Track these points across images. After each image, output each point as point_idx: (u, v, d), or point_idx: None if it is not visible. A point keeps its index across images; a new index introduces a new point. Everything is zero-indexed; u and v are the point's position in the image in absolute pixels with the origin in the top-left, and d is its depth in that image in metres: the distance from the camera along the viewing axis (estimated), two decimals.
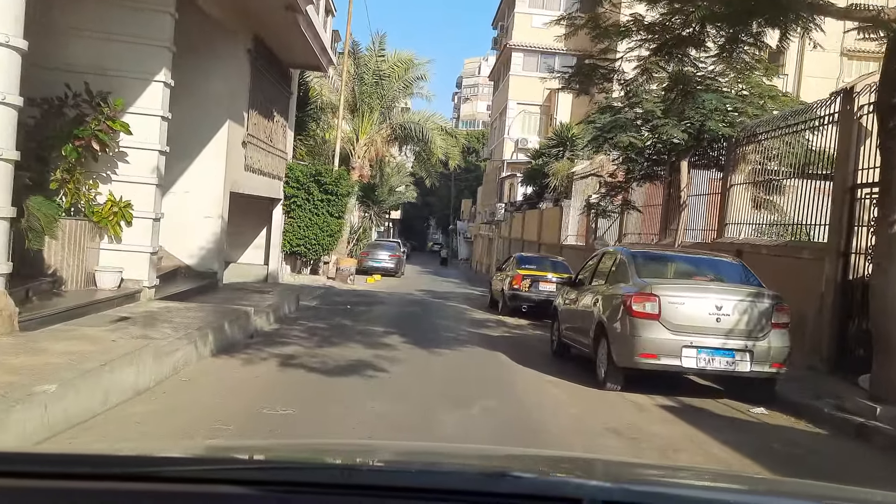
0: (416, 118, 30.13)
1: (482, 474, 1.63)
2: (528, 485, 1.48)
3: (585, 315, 9.21)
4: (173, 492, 1.38)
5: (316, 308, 15.93)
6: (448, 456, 2.13)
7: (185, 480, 1.43)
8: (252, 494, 1.37)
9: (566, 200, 24.17)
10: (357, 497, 1.40)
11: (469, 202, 68.66)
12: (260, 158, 17.88)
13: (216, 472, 1.48)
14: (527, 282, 16.96)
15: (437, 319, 15.49)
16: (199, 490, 1.38)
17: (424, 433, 6.03)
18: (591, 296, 9.20)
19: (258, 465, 1.68)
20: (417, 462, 1.92)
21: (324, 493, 1.41)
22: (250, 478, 1.45)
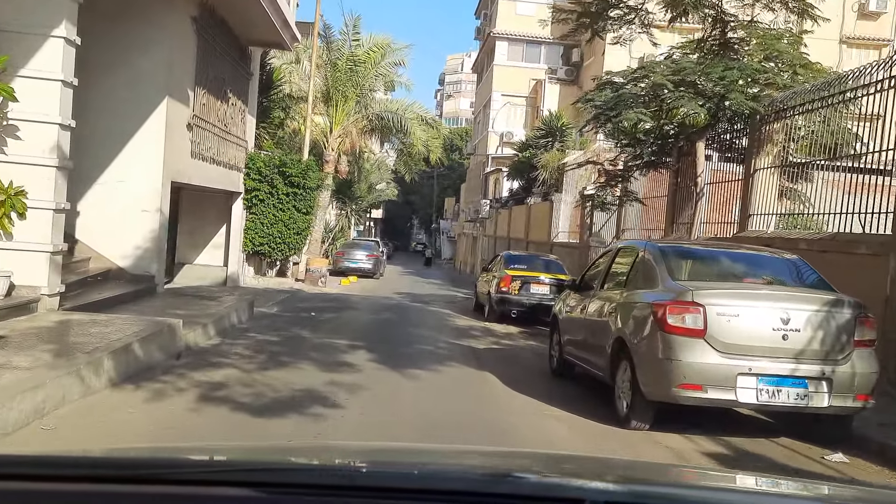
0: (394, 107, 27.98)
1: (484, 475, 1.68)
2: (530, 485, 1.52)
3: (597, 328, 7.18)
4: (174, 494, 1.38)
5: (274, 316, 13.79)
6: (450, 457, 2.16)
7: (184, 483, 1.42)
8: (254, 496, 1.35)
9: (557, 194, 22.19)
10: (359, 498, 1.39)
11: (452, 200, 66.76)
12: (212, 145, 15.71)
13: (216, 475, 1.48)
14: (516, 284, 14.92)
15: (413, 328, 13.41)
16: (200, 493, 1.38)
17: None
18: (604, 303, 7.17)
19: (260, 467, 1.62)
20: (420, 463, 1.87)
21: (326, 494, 1.40)
22: (252, 479, 1.43)
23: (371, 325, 13.70)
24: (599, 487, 1.52)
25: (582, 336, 7.76)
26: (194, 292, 15.90)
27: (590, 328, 7.48)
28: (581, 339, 7.79)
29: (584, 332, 7.71)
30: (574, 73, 38.38)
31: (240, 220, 19.43)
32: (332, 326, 12.86)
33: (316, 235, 28.38)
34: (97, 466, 1.54)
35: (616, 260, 7.51)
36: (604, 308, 7.08)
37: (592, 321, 7.40)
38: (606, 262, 7.73)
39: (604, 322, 6.96)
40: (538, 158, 25.03)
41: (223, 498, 1.38)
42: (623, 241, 9.34)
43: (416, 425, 6.28)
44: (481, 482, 1.54)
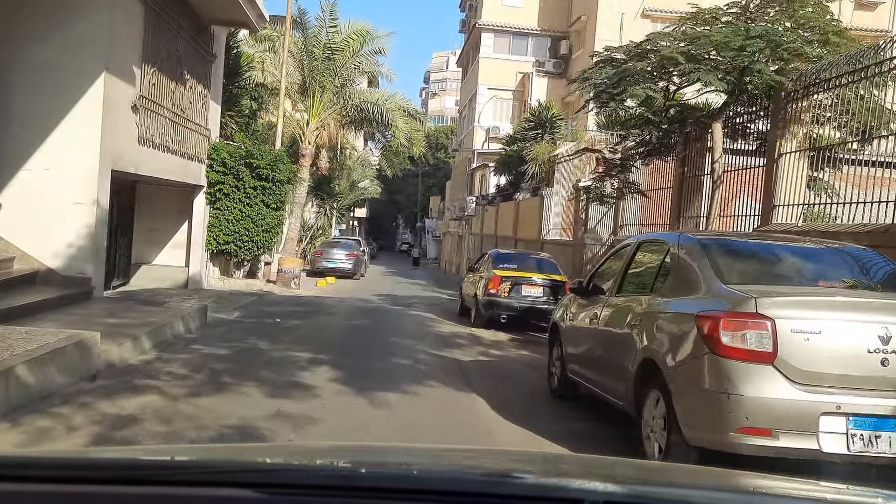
0: (374, 98, 26.35)
1: (483, 475, 1.66)
2: (529, 486, 1.53)
3: (614, 344, 5.63)
4: (171, 495, 1.38)
5: (232, 323, 12.14)
6: (449, 457, 2.15)
7: (181, 483, 1.42)
8: (251, 497, 1.35)
9: (547, 189, 20.64)
10: (358, 499, 1.39)
11: (438, 199, 65.30)
12: (165, 131, 14.03)
13: (212, 476, 1.47)
14: (506, 285, 13.35)
15: (390, 337, 11.80)
16: (197, 493, 1.38)
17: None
18: (623, 312, 5.61)
19: (257, 468, 1.63)
20: (418, 463, 1.87)
21: (324, 494, 1.39)
22: (249, 480, 1.43)
23: (342, 333, 12.08)
24: (598, 488, 1.49)
25: (592, 352, 6.19)
26: (143, 296, 14.23)
27: (603, 343, 5.91)
28: (591, 355, 6.22)
29: (595, 348, 6.14)
30: (562, 65, 36.90)
31: (202, 217, 17.75)
32: (296, 335, 11.23)
33: (292, 234, 26.76)
34: (92, 468, 1.53)
35: (636, 257, 5.94)
36: (623, 318, 5.51)
37: (607, 334, 5.84)
38: (623, 261, 6.14)
39: (623, 336, 5.40)
40: (527, 151, 23.49)
41: (220, 498, 1.36)
42: (645, 234, 7.55)
43: None
44: (480, 482, 1.54)
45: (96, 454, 2.19)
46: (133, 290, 16.52)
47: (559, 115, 23.99)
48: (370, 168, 54.41)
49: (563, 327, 7.17)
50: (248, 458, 1.86)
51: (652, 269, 5.52)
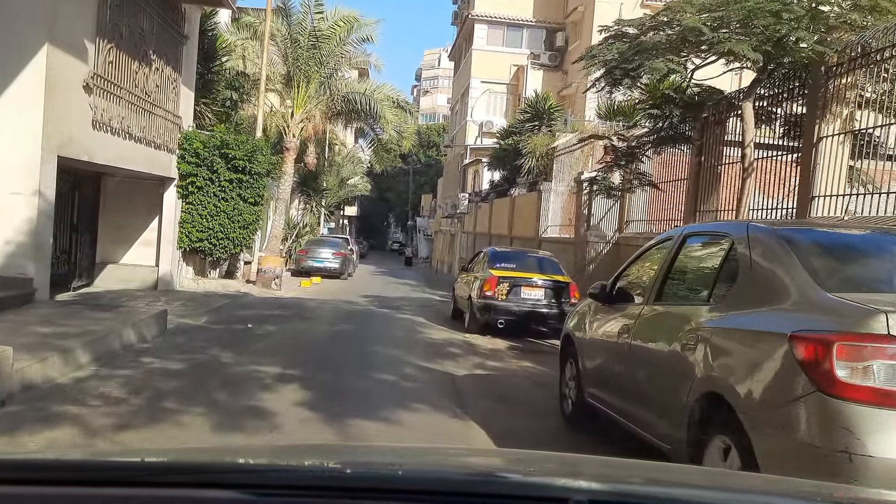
0: (361, 88, 24.99)
1: (468, 475, 1.65)
2: (513, 485, 1.51)
3: (656, 366, 4.33)
4: (160, 497, 1.37)
5: (197, 330, 10.79)
6: (434, 456, 2.14)
7: (170, 485, 1.41)
8: (239, 498, 1.34)
9: (545, 183, 19.34)
10: (343, 499, 1.38)
11: (429, 197, 64.02)
12: (128, 116, 12.66)
13: (202, 477, 1.46)
14: (504, 287, 12.04)
15: (375, 345, 10.47)
16: (186, 495, 1.37)
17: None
18: (670, 327, 4.30)
19: (245, 468, 1.62)
20: (405, 463, 1.83)
21: (310, 494, 1.38)
22: (237, 481, 1.42)
23: (320, 341, 10.73)
24: (583, 486, 1.49)
25: (622, 374, 4.88)
26: (102, 299, 12.87)
27: (639, 364, 4.60)
28: (620, 378, 4.91)
29: (626, 369, 4.82)
30: (558, 58, 35.64)
31: (173, 212, 16.38)
32: (266, 344, 9.89)
33: (276, 232, 25.39)
34: (73, 469, 1.51)
35: (682, 255, 4.62)
36: (669, 334, 4.20)
37: (645, 353, 4.53)
38: (662, 260, 4.81)
39: (671, 358, 4.09)
40: (524, 144, 22.17)
41: (206, 500, 1.35)
42: (694, 226, 5.99)
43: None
44: (465, 482, 1.53)
45: (77, 456, 2.14)
46: (96, 291, 15.15)
47: (557, 107, 22.69)
48: (360, 165, 53.07)
49: (580, 340, 5.86)
50: (234, 458, 1.85)
51: (708, 271, 4.22)
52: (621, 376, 4.82)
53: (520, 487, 1.49)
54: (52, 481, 1.39)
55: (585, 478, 1.67)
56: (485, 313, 12.10)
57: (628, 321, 4.80)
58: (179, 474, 1.50)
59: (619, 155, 12.05)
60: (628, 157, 11.98)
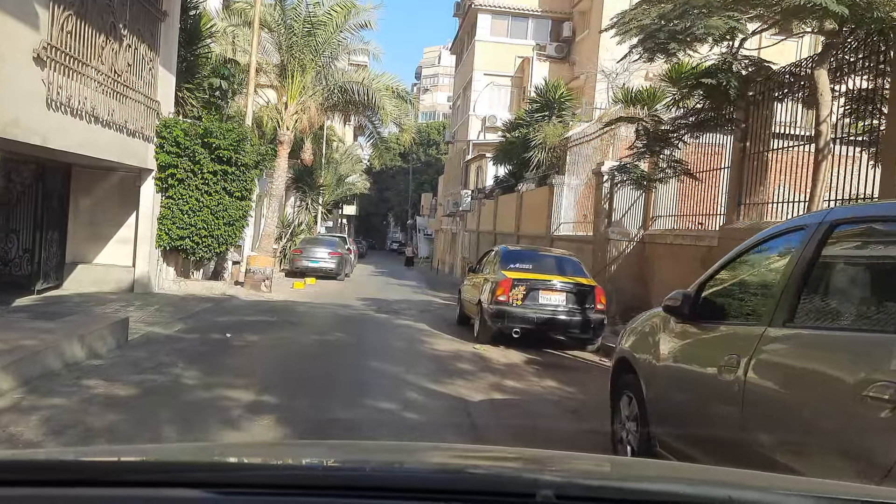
0: (359, 78, 23.47)
1: (435, 471, 1.64)
2: (481, 480, 1.51)
3: (810, 430, 2.80)
4: (126, 497, 1.35)
5: (164, 342, 9.28)
6: (403, 454, 2.12)
7: (138, 485, 1.39)
8: (204, 497, 1.33)
9: (558, 177, 17.83)
10: (313, 497, 1.36)
11: (429, 196, 62.62)
12: (91, 96, 11.16)
13: (168, 476, 1.45)
14: (519, 291, 10.54)
15: (370, 360, 8.96)
16: (153, 495, 1.35)
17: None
18: (827, 370, 2.78)
19: (211, 468, 1.58)
20: (373, 461, 1.82)
21: (278, 494, 1.36)
22: (202, 480, 1.39)
23: (306, 354, 9.22)
24: (550, 481, 1.45)
25: (730, 426, 3.34)
26: (58, 305, 11.40)
27: (768, 418, 3.08)
28: (726, 431, 3.38)
29: (739, 421, 3.29)
30: (565, 49, 34.12)
31: (151, 207, 14.89)
32: (243, 360, 8.40)
33: (269, 230, 23.88)
34: (44, 469, 1.47)
35: (830, 253, 3.08)
36: (834, 380, 2.69)
37: (778, 403, 3.01)
38: (791, 261, 3.27)
39: (844, 422, 2.58)
40: (532, 136, 20.66)
41: (175, 499, 1.34)
42: (848, 209, 4.15)
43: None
44: (433, 479, 1.51)
45: (41, 457, 1.93)
46: (63, 295, 13.66)
47: (568, 95, 21.19)
48: (359, 163, 51.57)
49: (646, 368, 4.33)
50: (201, 457, 1.83)
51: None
52: (728, 427, 3.30)
53: (487, 482, 1.49)
54: (9, 482, 1.35)
55: (552, 472, 1.69)
56: (497, 321, 10.59)
57: (737, 349, 3.28)
58: (144, 474, 1.48)
59: (651, 140, 10.55)
60: (661, 141, 10.48)
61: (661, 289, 12.80)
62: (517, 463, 1.97)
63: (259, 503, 1.35)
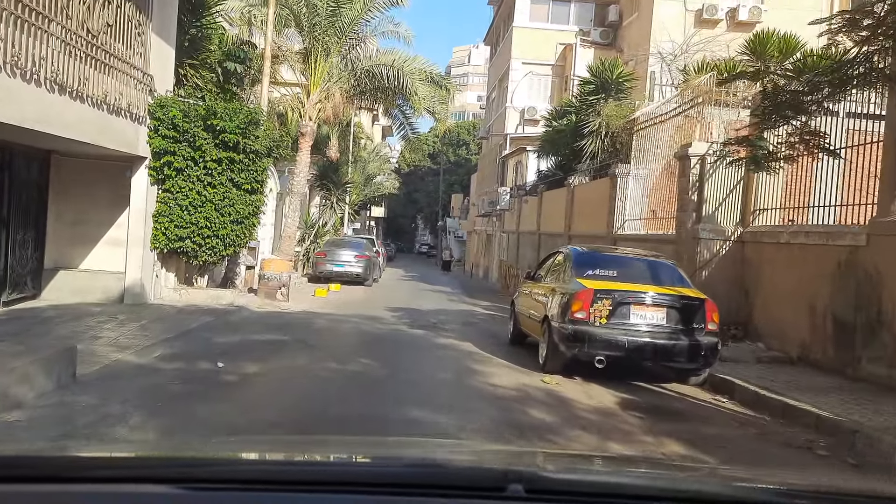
0: (388, 60, 21.00)
1: (409, 466, 1.64)
2: (453, 475, 1.53)
3: None
4: (93, 493, 1.34)
5: (129, 377, 6.86)
6: (376, 448, 2.15)
7: (107, 481, 1.39)
8: (174, 493, 1.32)
9: (622, 166, 15.19)
10: (281, 492, 1.36)
11: (460, 197, 60.27)
12: (52, 57, 8.79)
13: (137, 472, 1.45)
14: (604, 305, 7.94)
15: (408, 407, 6.38)
16: (124, 490, 1.34)
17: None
18: None
19: (180, 463, 1.57)
20: (345, 456, 1.86)
21: (248, 489, 1.35)
22: (171, 476, 1.39)
23: (320, 398, 6.69)
24: (519, 473, 1.45)
25: None
26: (17, 322, 9.07)
27: None
28: None
29: None
30: (611, 34, 31.38)
31: (144, 202, 12.56)
32: (227, 409, 5.91)
33: (289, 230, 21.60)
34: (12, 466, 1.45)
35: None
36: None
37: None
38: None
39: None
40: (585, 122, 18.03)
41: (145, 496, 1.32)
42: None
43: None
44: (405, 473, 1.52)
45: (10, 453, 1.84)
46: (35, 307, 11.37)
47: (628, 75, 18.55)
48: (387, 163, 49.31)
49: None
50: (169, 453, 1.83)
51: None
52: None
53: (459, 477, 1.49)
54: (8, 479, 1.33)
55: (523, 466, 1.70)
56: (574, 345, 8.00)
57: None
58: (114, 469, 1.46)
59: (776, 106, 7.90)
60: (792, 107, 7.83)
61: (773, 302, 10.15)
62: (490, 457, 2.06)
63: (231, 499, 1.33)
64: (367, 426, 5.55)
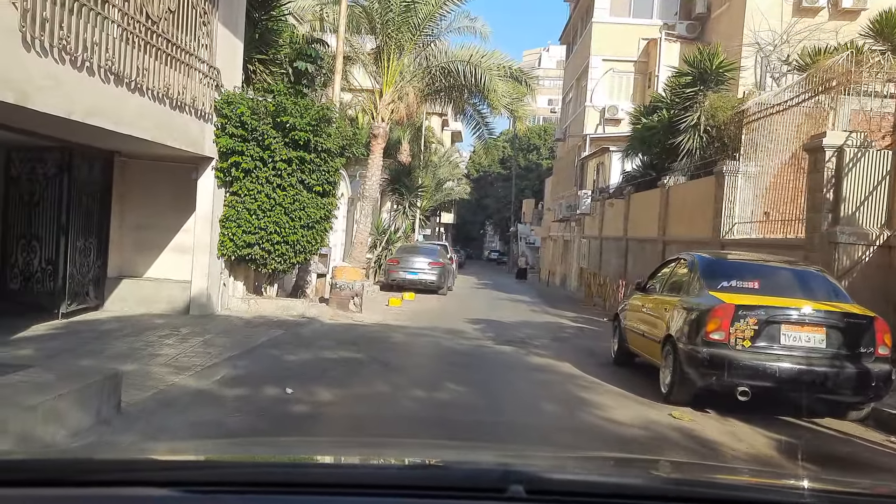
0: (465, 56, 19.79)
1: (409, 467, 1.66)
2: (454, 476, 1.53)
3: None
4: (87, 496, 1.34)
5: (183, 408, 5.82)
6: (378, 450, 2.14)
7: (107, 484, 1.38)
8: (169, 496, 1.32)
9: (730, 163, 13.58)
10: (279, 495, 1.35)
11: (532, 202, 58.82)
12: (106, 42, 7.90)
13: (137, 475, 1.44)
14: (748, 324, 6.50)
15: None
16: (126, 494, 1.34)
17: None
18: None
19: (175, 466, 1.58)
20: (344, 458, 1.85)
21: (244, 491, 1.35)
22: (166, 479, 1.39)
23: (408, 436, 5.49)
24: (519, 474, 1.45)
25: None
26: (53, 338, 8.22)
27: None
28: None
29: None
30: (698, 28, 29.53)
31: (211, 206, 11.68)
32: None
33: (360, 237, 20.60)
34: (26, 469, 1.46)
35: None
36: None
37: None
38: None
39: None
40: (681, 117, 16.45)
41: (139, 499, 1.31)
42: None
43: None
44: (407, 475, 1.52)
45: (17, 456, 2.00)
46: (99, 318, 10.60)
47: (729, 65, 16.86)
48: (457, 168, 48.21)
49: None
50: (165, 455, 1.79)
51: None
52: None
53: (459, 478, 1.48)
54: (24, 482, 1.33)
55: (523, 467, 1.67)
56: (710, 372, 6.59)
57: None
58: (118, 473, 1.45)
59: None
60: None
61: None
62: (490, 458, 1.97)
63: (233, 501, 1.32)
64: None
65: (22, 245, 10.65)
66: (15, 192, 10.68)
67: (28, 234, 10.58)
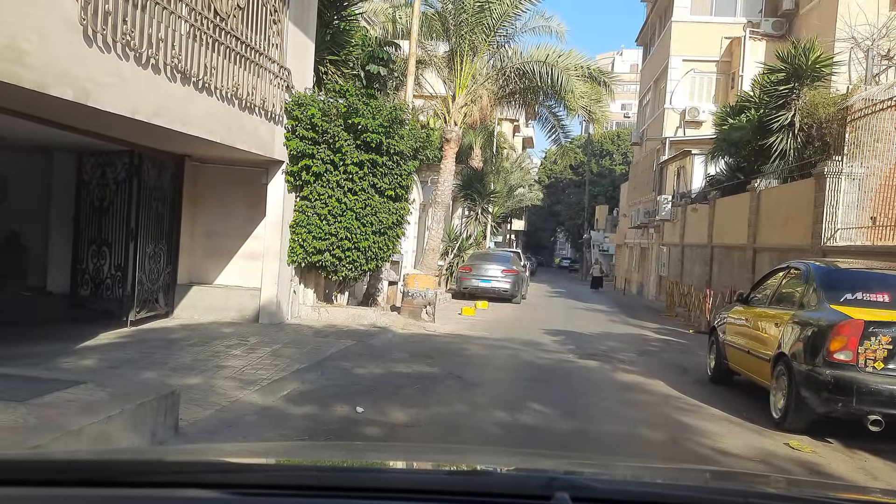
0: (541, 56, 19.06)
1: (451, 472, 1.63)
2: (497, 482, 1.50)
3: None
4: (141, 496, 1.33)
5: (246, 427, 5.33)
6: (421, 455, 2.12)
7: (155, 486, 1.37)
8: (219, 498, 1.31)
9: (832, 164, 12.49)
10: (326, 498, 1.35)
11: (605, 209, 57.47)
12: (173, 39, 7.58)
13: (186, 476, 1.43)
14: (878, 343, 5.65)
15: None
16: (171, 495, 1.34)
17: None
18: None
19: (225, 468, 1.56)
20: (389, 462, 1.83)
21: (292, 495, 1.35)
22: (216, 481, 1.38)
23: None
24: (565, 481, 1.45)
25: None
26: (120, 347, 7.92)
27: None
28: None
29: None
30: (785, 25, 28.05)
31: (281, 211, 11.34)
32: None
33: (432, 243, 20.09)
34: (60, 470, 1.45)
35: None
36: None
37: None
38: None
39: None
40: (774, 117, 15.34)
41: (189, 500, 1.31)
42: None
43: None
44: (450, 481, 1.50)
45: (58, 456, 1.97)
46: (167, 326, 10.34)
47: (827, 59, 15.67)
48: (528, 175, 47.37)
49: None
50: (215, 457, 1.78)
51: None
52: None
53: (503, 484, 1.47)
54: (32, 482, 1.33)
55: (569, 474, 1.66)
56: (835, 398, 5.75)
57: None
58: (159, 475, 1.45)
59: None
60: None
61: None
62: (535, 464, 1.94)
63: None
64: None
65: (92, 251, 10.51)
66: (86, 197, 10.56)
67: (98, 239, 10.43)
